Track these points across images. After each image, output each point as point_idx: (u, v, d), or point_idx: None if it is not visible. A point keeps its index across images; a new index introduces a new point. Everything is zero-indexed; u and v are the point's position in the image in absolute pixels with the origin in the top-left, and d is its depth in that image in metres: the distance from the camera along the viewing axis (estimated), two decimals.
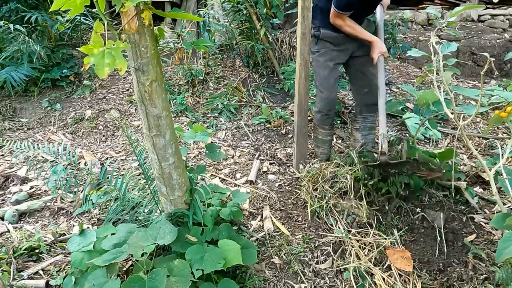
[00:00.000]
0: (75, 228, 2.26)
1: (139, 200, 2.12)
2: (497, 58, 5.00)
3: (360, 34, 2.32)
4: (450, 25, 1.97)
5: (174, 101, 3.78)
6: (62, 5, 1.15)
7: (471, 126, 3.48)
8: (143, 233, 1.63)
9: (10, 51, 3.77)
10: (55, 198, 2.56)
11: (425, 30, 6.49)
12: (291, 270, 1.94)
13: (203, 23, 4.01)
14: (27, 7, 4.01)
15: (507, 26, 6.64)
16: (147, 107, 1.49)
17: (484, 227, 2.14)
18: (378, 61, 2.33)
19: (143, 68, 1.40)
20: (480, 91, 1.78)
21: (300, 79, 2.54)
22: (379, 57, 2.32)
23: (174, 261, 1.56)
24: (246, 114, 3.71)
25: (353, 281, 1.85)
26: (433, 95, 2.10)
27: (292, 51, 4.19)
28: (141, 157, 2.06)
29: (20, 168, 2.92)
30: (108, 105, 3.88)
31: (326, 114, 2.62)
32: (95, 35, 1.19)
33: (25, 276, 1.88)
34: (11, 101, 3.99)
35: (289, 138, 3.32)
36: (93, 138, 3.49)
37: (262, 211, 2.41)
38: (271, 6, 3.83)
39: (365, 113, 2.63)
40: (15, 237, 2.12)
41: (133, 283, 1.45)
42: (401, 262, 1.88)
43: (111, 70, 1.13)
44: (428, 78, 1.98)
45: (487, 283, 1.81)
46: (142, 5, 1.29)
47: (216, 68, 4.30)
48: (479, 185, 2.53)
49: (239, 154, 3.12)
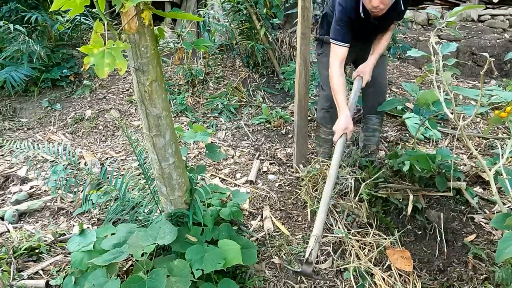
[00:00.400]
0: (75, 228, 2.26)
1: (139, 200, 2.12)
2: (497, 58, 5.00)
3: (336, 96, 2.19)
4: (450, 25, 1.97)
5: (174, 101, 3.78)
6: (62, 5, 1.15)
7: (471, 126, 3.48)
8: (143, 233, 1.63)
9: (10, 51, 3.77)
10: (55, 198, 2.56)
11: (425, 30, 6.49)
12: (291, 270, 1.94)
13: (203, 23, 4.01)
14: (27, 7, 4.01)
15: (507, 26, 6.65)
16: (147, 107, 1.49)
17: (484, 227, 2.14)
18: (337, 141, 2.09)
19: (143, 68, 1.40)
20: (480, 91, 1.78)
21: (300, 79, 2.54)
22: (340, 137, 2.09)
23: (174, 261, 1.56)
24: (246, 114, 3.71)
25: (353, 281, 1.85)
26: (433, 95, 2.10)
27: (292, 51, 4.19)
28: (141, 157, 2.06)
29: (20, 168, 2.92)
30: (108, 105, 3.88)
31: (327, 111, 2.60)
32: (95, 35, 1.19)
33: (25, 276, 1.88)
34: (11, 101, 3.99)
35: (289, 138, 3.31)
36: (93, 138, 3.49)
37: (262, 211, 2.41)
38: (271, 6, 3.83)
39: (369, 113, 2.61)
40: (15, 237, 2.12)
41: (133, 283, 1.45)
42: (401, 262, 1.88)
43: (111, 70, 1.13)
44: (428, 78, 1.98)
45: (487, 283, 1.81)
46: (142, 5, 1.29)
47: (216, 68, 4.30)
48: (479, 185, 2.53)
49: (239, 154, 3.12)
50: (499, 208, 1.80)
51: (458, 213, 2.22)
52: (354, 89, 2.34)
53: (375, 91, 2.49)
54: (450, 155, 2.31)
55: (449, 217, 2.18)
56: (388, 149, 3.06)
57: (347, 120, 2.12)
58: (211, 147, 2.09)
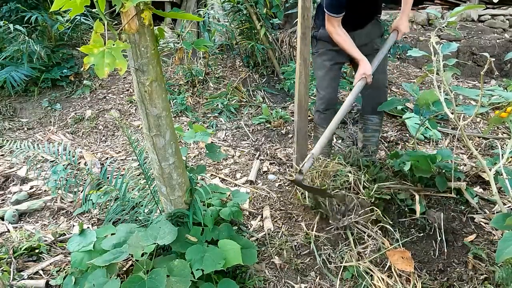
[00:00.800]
0: (75, 228, 2.26)
1: (139, 200, 2.12)
2: (497, 58, 5.00)
3: (349, 48, 2.24)
4: (450, 25, 1.97)
5: (174, 101, 3.78)
6: (62, 5, 1.15)
7: (471, 126, 3.48)
8: (143, 233, 1.63)
9: (10, 51, 3.77)
10: (55, 198, 2.56)
11: (425, 30, 6.49)
12: (291, 269, 1.94)
13: (203, 23, 4.01)
14: (27, 7, 4.01)
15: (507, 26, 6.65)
16: (147, 107, 1.49)
17: (484, 227, 2.14)
18: (357, 84, 2.23)
19: (143, 68, 1.40)
20: (480, 91, 1.78)
21: (300, 79, 2.54)
22: (359, 80, 2.22)
23: (174, 261, 1.56)
24: (246, 114, 3.71)
25: (353, 281, 1.85)
26: (433, 95, 2.10)
27: (292, 51, 4.19)
28: (141, 157, 2.06)
29: (20, 168, 2.92)
30: (108, 105, 3.88)
31: (323, 113, 2.60)
32: (95, 35, 1.19)
33: (25, 276, 1.88)
34: (11, 101, 3.99)
35: (289, 138, 3.31)
36: (93, 138, 3.49)
37: (262, 211, 2.41)
38: (271, 6, 3.83)
39: (368, 114, 2.59)
40: (15, 237, 2.12)
41: (133, 283, 1.45)
42: (402, 263, 1.87)
43: (111, 70, 1.13)
44: (428, 78, 1.98)
45: (487, 283, 1.81)
46: (142, 5, 1.29)
47: (216, 68, 4.30)
48: (479, 185, 2.53)
49: (239, 154, 3.12)
50: (499, 208, 1.80)
51: (458, 213, 2.22)
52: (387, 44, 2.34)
53: (376, 92, 2.47)
54: (450, 155, 2.31)
55: (449, 217, 2.18)
56: (388, 149, 3.06)
57: (365, 65, 2.21)
58: (211, 147, 2.09)
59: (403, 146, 3.12)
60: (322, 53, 2.47)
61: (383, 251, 1.98)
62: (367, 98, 2.57)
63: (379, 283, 1.80)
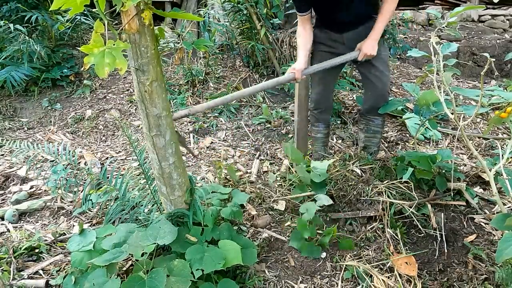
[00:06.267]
0: (75, 228, 2.26)
1: (139, 200, 2.12)
2: (498, 59, 5.00)
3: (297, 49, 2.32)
4: (450, 25, 1.97)
5: (174, 101, 3.78)
6: (62, 4, 1.15)
7: (471, 127, 3.48)
8: (143, 233, 1.63)
9: (10, 51, 3.77)
10: (55, 198, 2.55)
11: (426, 30, 6.49)
12: (291, 269, 1.94)
13: (203, 23, 4.01)
14: (27, 7, 4.01)
15: (508, 27, 6.65)
16: (147, 107, 1.49)
17: (484, 228, 2.14)
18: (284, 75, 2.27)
19: (143, 68, 1.40)
20: (480, 91, 1.78)
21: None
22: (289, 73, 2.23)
23: (174, 261, 1.56)
24: (246, 114, 3.71)
25: (353, 282, 1.85)
26: (433, 95, 2.10)
27: (292, 51, 4.18)
28: (141, 157, 2.06)
29: (20, 167, 2.92)
30: (108, 105, 3.88)
31: (312, 112, 2.69)
32: (95, 34, 1.19)
33: (25, 276, 1.88)
34: (11, 101, 3.99)
35: (289, 138, 3.31)
36: (93, 138, 3.49)
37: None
38: (271, 6, 3.83)
39: (369, 115, 2.59)
40: (15, 236, 2.12)
41: (133, 283, 1.45)
42: (406, 268, 1.87)
43: (111, 69, 1.13)
44: (428, 78, 1.98)
45: (487, 283, 1.81)
46: (142, 5, 1.29)
47: (216, 68, 4.30)
48: (479, 185, 2.53)
49: (239, 154, 3.12)
50: (499, 208, 1.80)
51: (458, 213, 2.22)
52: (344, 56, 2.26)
53: (373, 95, 2.46)
54: (450, 156, 2.31)
55: (449, 217, 2.18)
56: (388, 149, 3.06)
57: (297, 65, 2.24)
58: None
59: (403, 146, 3.12)
60: (315, 54, 2.48)
61: (388, 260, 1.98)
62: (368, 99, 2.54)
63: (379, 281, 1.80)
